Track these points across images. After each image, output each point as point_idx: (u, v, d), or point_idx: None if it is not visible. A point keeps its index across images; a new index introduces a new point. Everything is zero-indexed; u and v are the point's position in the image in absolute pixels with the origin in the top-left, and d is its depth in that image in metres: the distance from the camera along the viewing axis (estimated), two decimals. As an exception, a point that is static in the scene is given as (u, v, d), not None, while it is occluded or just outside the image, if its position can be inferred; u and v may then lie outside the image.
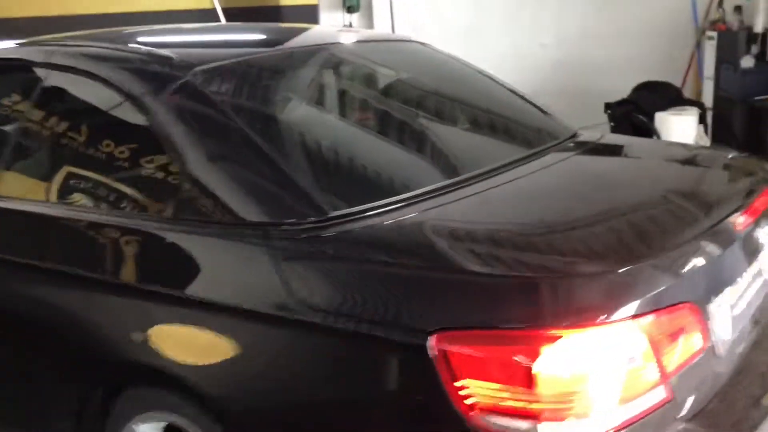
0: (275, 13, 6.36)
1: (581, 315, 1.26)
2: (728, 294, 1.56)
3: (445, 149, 2.03)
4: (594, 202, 1.75)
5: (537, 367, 1.24)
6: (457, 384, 1.28)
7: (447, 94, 2.33)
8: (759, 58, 5.06)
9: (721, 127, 4.95)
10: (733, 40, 5.45)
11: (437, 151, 2.03)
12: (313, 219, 1.55)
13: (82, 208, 1.89)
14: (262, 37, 2.53)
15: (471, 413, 1.27)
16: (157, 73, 1.92)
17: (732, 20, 5.76)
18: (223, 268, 1.59)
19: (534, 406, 1.25)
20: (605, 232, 1.58)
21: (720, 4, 6.09)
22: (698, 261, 1.44)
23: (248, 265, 1.55)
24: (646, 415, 1.32)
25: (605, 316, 1.27)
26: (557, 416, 1.25)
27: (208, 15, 6.37)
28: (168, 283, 1.64)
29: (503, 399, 1.26)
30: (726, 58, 5.44)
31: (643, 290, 1.32)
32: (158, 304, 1.65)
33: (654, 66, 6.12)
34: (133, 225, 1.76)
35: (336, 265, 1.47)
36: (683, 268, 1.40)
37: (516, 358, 1.25)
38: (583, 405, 1.26)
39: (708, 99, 5.67)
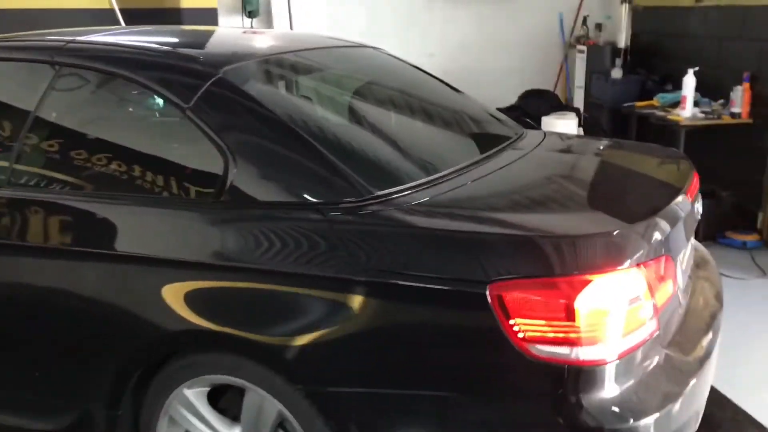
0: (175, 16, 6.39)
1: (604, 264, 1.64)
2: (681, 253, 2.02)
3: (440, 143, 2.37)
4: (580, 182, 2.17)
5: (575, 305, 1.60)
6: (511, 322, 1.61)
7: (423, 96, 2.67)
8: (626, 70, 5.80)
9: (593, 129, 5.63)
10: (600, 54, 6.20)
11: (435, 144, 2.36)
12: (365, 197, 1.83)
13: (138, 197, 2.05)
14: (255, 39, 2.73)
15: (523, 344, 1.62)
16: (192, 71, 2.11)
17: (596, 37, 6.55)
18: (286, 243, 1.82)
19: (572, 335, 1.61)
20: (603, 203, 1.98)
21: (584, 22, 6.87)
22: (670, 225, 1.87)
23: (311, 239, 1.80)
24: (645, 341, 1.73)
25: (621, 264, 1.65)
26: (589, 342, 1.62)
27: (106, 15, 6.29)
28: (234, 257, 1.85)
29: (548, 331, 1.62)
30: (595, 69, 6.17)
31: (643, 245, 1.72)
32: (224, 277, 1.85)
33: (530, 76, 6.82)
34: (192, 211, 1.95)
35: (397, 234, 1.76)
36: (663, 229, 1.82)
37: (558, 299, 1.61)
38: (607, 333, 1.64)
39: (579, 105, 6.39)
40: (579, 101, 6.49)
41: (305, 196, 1.86)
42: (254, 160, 1.94)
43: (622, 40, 6.10)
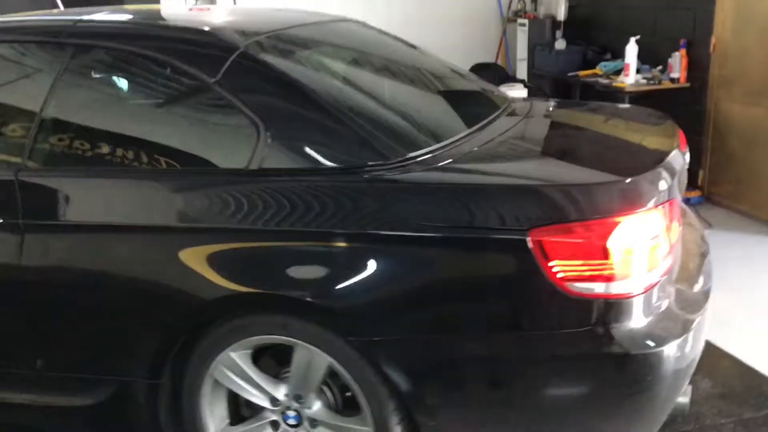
0: (116, -5, 6.26)
1: (631, 206, 1.81)
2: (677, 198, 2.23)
3: (448, 109, 2.50)
4: (587, 139, 2.35)
5: (607, 245, 1.78)
6: (550, 264, 1.77)
7: (421, 66, 2.79)
8: (569, 41, 6.07)
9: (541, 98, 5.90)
10: (541, 27, 6.46)
11: (445, 110, 2.48)
12: (399, 159, 1.95)
13: (172, 170, 2.11)
14: (252, 16, 2.77)
15: (561, 283, 1.78)
16: (215, 45, 2.16)
17: (533, 10, 6.82)
18: (326, 205, 1.91)
19: (605, 272, 1.79)
20: (615, 155, 2.16)
21: (521, -4, 7.12)
22: (673, 172, 2.06)
23: (351, 201, 1.91)
24: (664, 276, 1.92)
25: (644, 206, 1.84)
26: (619, 278, 1.80)
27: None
28: (276, 222, 1.93)
29: (583, 270, 1.78)
30: (536, 41, 6.41)
31: (659, 189, 1.91)
32: (269, 241, 1.94)
33: (472, 51, 7.03)
34: (228, 181, 2.02)
35: (439, 191, 1.89)
36: (670, 175, 2.02)
37: (591, 240, 1.78)
38: (634, 269, 1.82)
39: (522, 76, 6.64)
40: (522, 73, 6.74)
41: (341, 160, 1.96)
42: (286, 128, 2.02)
43: (561, 13, 6.36)
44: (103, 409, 2.21)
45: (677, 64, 5.22)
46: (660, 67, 5.44)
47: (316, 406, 2.06)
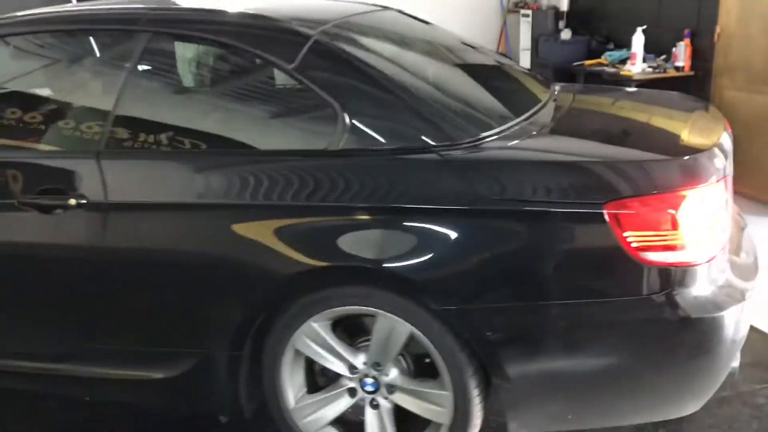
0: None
1: (698, 180, 1.95)
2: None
3: (505, 92, 2.61)
4: (641, 120, 2.48)
5: (677, 216, 1.92)
6: (625, 235, 1.91)
7: (471, 52, 2.90)
8: (573, 31, 6.23)
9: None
10: (544, 17, 6.60)
11: (504, 94, 2.58)
12: (474, 139, 2.08)
13: (255, 151, 2.22)
14: (307, 6, 2.85)
15: (635, 252, 1.92)
16: (290, 33, 2.26)
17: (534, 2, 6.97)
18: (406, 182, 2.03)
19: (675, 242, 1.93)
20: (675, 135, 2.30)
21: (522, -13, 7.26)
22: (726, 152, 2.20)
23: (429, 178, 2.03)
24: (723, 247, 2.07)
25: (708, 180, 1.98)
26: (687, 247, 1.94)
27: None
28: (360, 198, 2.04)
29: (655, 240, 1.92)
30: (540, 32, 6.56)
31: (719, 165, 2.05)
32: (351, 216, 2.05)
33: (471, 41, 7.16)
34: (311, 161, 2.13)
35: (518, 166, 2.02)
36: (725, 153, 2.16)
37: (663, 212, 1.92)
38: (700, 239, 1.96)
39: (526, 66, 6.79)
40: (525, 62, 6.89)
41: (417, 140, 2.07)
42: (364, 111, 2.13)
43: (565, 4, 6.52)
44: (184, 380, 2.31)
45: (682, 53, 5.40)
46: (664, 56, 5.61)
47: (393, 373, 2.19)
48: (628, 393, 2.07)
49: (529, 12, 6.75)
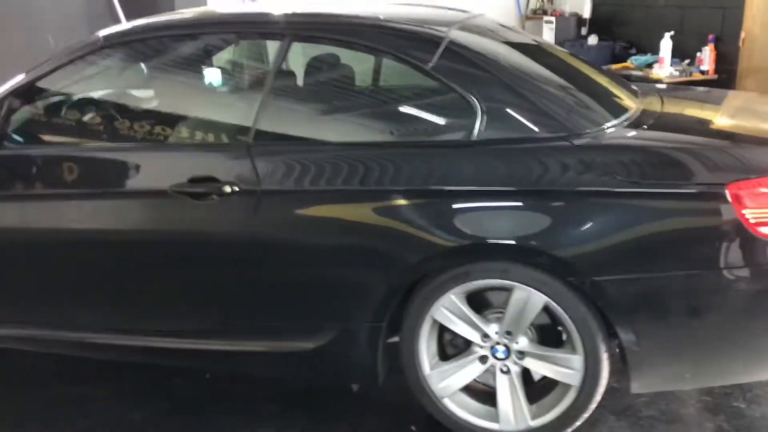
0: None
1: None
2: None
3: (605, 92, 2.84)
4: (729, 115, 2.75)
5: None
6: (744, 212, 2.16)
7: (569, 56, 3.14)
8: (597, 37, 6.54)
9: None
10: (567, 23, 6.91)
11: (605, 94, 2.82)
12: (599, 128, 2.33)
13: (399, 142, 2.45)
14: (424, 13, 3.06)
15: (754, 228, 2.17)
16: (425, 36, 2.50)
17: (550, 9, 7.29)
18: (544, 167, 2.27)
19: (787, 218, 2.19)
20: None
21: (540, -6, 7.56)
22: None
23: (565, 163, 2.27)
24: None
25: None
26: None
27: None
28: (501, 182, 2.28)
29: (770, 216, 2.18)
30: (565, 37, 6.86)
31: None
32: (502, 199, 2.29)
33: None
34: (451, 150, 2.36)
35: (646, 153, 2.27)
36: None
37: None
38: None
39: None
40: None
41: (549, 129, 2.32)
42: (497, 104, 2.37)
43: (587, 11, 6.82)
44: (327, 351, 2.52)
45: (707, 58, 5.73)
46: (688, 61, 5.93)
47: (523, 341, 2.42)
48: (741, 354, 2.32)
49: (553, 18, 7.04)
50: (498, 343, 2.43)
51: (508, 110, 2.37)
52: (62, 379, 3.01)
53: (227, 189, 2.44)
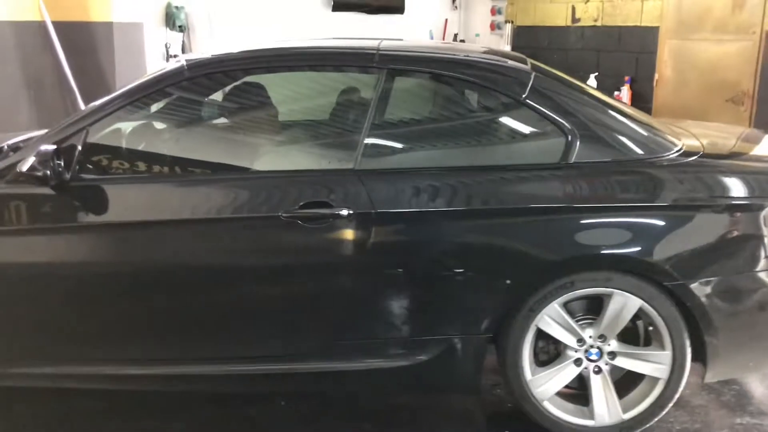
0: (105, 29, 6.36)
1: None
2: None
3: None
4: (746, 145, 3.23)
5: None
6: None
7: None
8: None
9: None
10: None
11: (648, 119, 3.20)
12: (670, 153, 2.70)
13: (498, 166, 2.68)
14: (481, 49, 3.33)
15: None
16: (514, 71, 2.78)
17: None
18: (629, 186, 2.60)
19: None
20: None
21: (454, 38, 8.08)
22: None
23: (646, 182, 2.61)
24: None
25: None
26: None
27: (34, 28, 6.09)
28: (597, 200, 2.58)
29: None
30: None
31: None
32: (601, 214, 2.58)
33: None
34: (549, 173, 2.63)
35: (714, 173, 2.66)
36: None
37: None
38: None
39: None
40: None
41: (632, 154, 2.66)
42: (587, 131, 2.67)
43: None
44: (435, 365, 2.67)
45: (625, 96, 6.44)
46: (606, 99, 6.62)
47: (614, 343, 2.71)
48: None
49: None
50: (592, 346, 2.70)
51: (596, 136, 2.68)
52: (135, 416, 2.92)
53: (344, 212, 2.55)
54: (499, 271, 2.60)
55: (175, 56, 6.47)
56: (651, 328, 2.69)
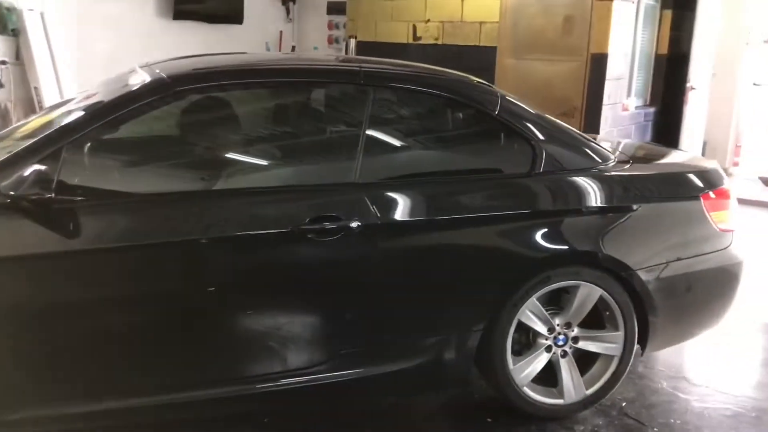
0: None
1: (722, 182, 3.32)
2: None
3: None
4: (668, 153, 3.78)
5: (726, 202, 3.25)
6: (710, 213, 3.17)
7: None
8: None
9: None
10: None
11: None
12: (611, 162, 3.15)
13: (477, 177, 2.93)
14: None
15: (716, 223, 3.18)
16: (487, 90, 3.05)
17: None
18: (587, 190, 2.99)
19: (728, 219, 3.25)
20: (694, 163, 3.64)
21: (293, 50, 8.21)
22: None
23: (599, 187, 3.03)
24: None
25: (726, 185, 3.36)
26: (730, 222, 3.27)
27: None
28: (561, 204, 2.95)
29: (722, 217, 3.22)
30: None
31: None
32: (572, 216, 2.94)
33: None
34: (521, 181, 2.95)
35: (648, 177, 3.15)
36: None
37: (723, 200, 3.23)
38: (732, 218, 3.31)
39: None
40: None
41: (582, 163, 3.07)
42: (551, 144, 3.02)
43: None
44: (432, 364, 2.85)
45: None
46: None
47: (576, 329, 3.08)
48: (707, 314, 3.31)
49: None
50: (559, 333, 3.06)
51: (557, 149, 3.04)
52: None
53: (353, 224, 2.65)
54: (493, 270, 2.86)
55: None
56: (607, 312, 3.10)
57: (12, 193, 2.30)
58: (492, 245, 2.86)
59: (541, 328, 3.02)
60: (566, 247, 2.94)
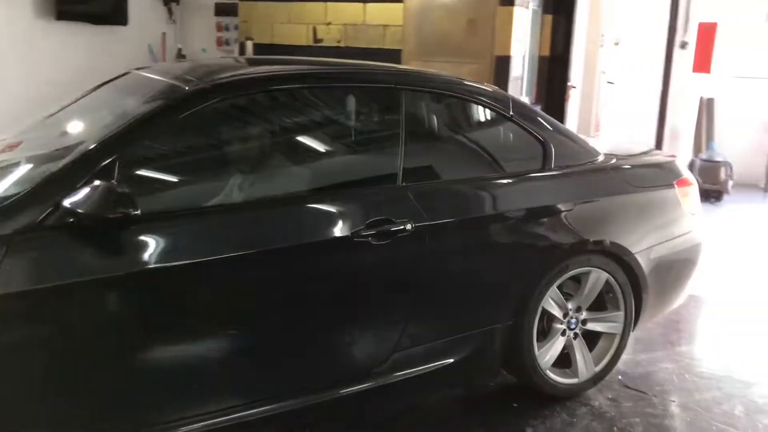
0: None
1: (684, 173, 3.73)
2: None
3: None
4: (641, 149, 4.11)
5: (689, 190, 3.66)
6: (683, 199, 3.56)
7: None
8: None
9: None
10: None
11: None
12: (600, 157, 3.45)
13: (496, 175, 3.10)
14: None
15: (685, 209, 3.59)
16: (501, 94, 3.22)
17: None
18: (592, 182, 3.28)
19: (692, 204, 3.67)
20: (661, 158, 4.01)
21: (179, 53, 7.93)
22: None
23: (598, 179, 3.32)
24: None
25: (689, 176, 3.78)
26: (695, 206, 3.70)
27: None
28: (574, 198, 3.19)
29: (692, 202, 3.63)
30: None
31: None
32: (580, 208, 3.19)
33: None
34: (535, 177, 3.15)
35: (636, 169, 3.47)
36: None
37: (688, 187, 3.63)
38: (694, 203, 3.73)
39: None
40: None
41: (587, 157, 3.34)
42: (558, 143, 3.26)
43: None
44: (474, 357, 2.99)
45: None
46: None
47: (584, 312, 3.34)
48: (680, 290, 3.70)
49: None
50: (572, 318, 3.30)
51: (564, 148, 3.28)
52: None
53: (408, 227, 2.71)
54: (525, 263, 3.04)
55: None
56: (610, 294, 3.39)
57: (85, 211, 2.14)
58: (524, 239, 3.05)
59: (558, 313, 3.24)
60: (582, 236, 3.17)
